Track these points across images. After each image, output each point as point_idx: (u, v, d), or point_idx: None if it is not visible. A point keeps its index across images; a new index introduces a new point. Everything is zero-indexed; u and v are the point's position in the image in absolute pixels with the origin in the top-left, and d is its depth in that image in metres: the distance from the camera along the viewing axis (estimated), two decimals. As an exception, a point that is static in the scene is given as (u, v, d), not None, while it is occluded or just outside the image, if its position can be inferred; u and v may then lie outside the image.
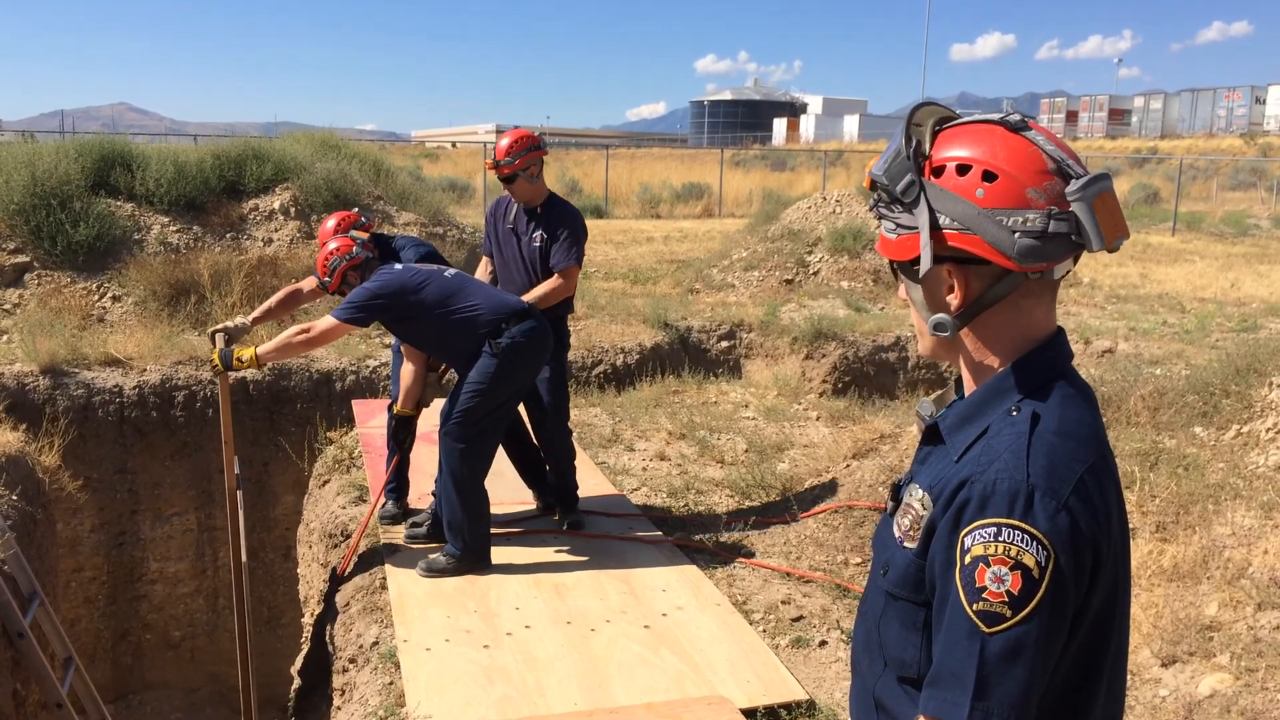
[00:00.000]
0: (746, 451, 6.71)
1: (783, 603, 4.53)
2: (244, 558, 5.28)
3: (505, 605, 4.35)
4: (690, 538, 5.23)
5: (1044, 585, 1.22)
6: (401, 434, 5.07)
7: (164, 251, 10.29)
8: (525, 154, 5.02)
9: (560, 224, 5.12)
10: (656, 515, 5.54)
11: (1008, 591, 1.22)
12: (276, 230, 10.94)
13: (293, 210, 11.14)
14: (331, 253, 4.79)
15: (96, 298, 9.82)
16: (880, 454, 6.16)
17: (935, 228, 1.35)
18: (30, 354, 8.11)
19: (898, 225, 1.40)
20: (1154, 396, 6.39)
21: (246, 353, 4.58)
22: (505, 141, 5.06)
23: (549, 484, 5.36)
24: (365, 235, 5.02)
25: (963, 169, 1.33)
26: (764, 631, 4.27)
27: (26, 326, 8.67)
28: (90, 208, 10.19)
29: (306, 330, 4.52)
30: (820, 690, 3.83)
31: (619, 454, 6.68)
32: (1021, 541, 1.23)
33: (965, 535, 1.27)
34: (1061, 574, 1.23)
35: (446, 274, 4.70)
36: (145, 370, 8.38)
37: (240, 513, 5.37)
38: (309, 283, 5.24)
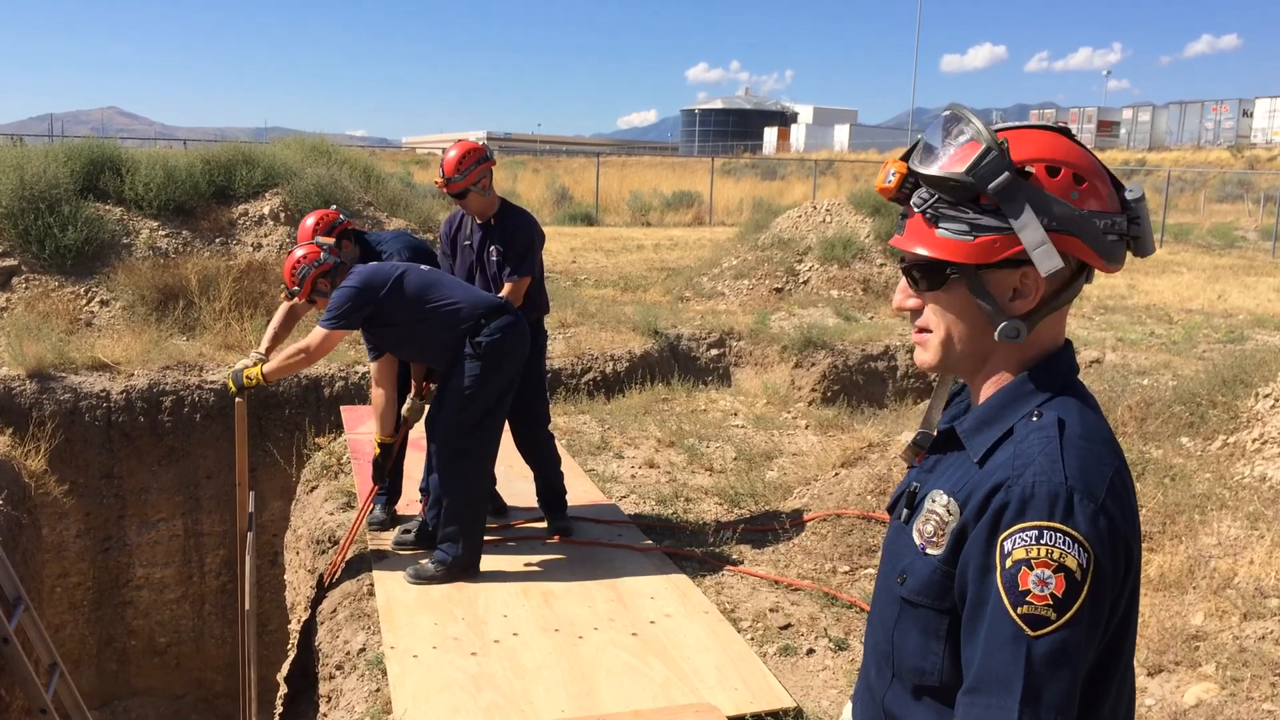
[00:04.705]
0: (735, 459, 6.71)
1: (770, 610, 4.53)
2: (249, 605, 5.04)
3: (493, 612, 4.34)
4: (679, 545, 5.23)
5: (1086, 587, 1.22)
6: (383, 460, 4.89)
7: (153, 256, 10.26)
8: (474, 167, 4.95)
9: (514, 235, 5.08)
10: (645, 523, 5.54)
11: (1052, 594, 1.21)
12: (266, 235, 10.92)
13: (282, 215, 11.12)
14: (299, 261, 4.65)
15: (84, 302, 9.79)
16: (869, 463, 6.17)
17: (1048, 228, 1.32)
18: (17, 358, 8.08)
19: (974, 226, 1.34)
20: (1141, 407, 6.43)
21: (254, 371, 4.67)
22: (453, 155, 4.95)
23: (536, 493, 5.35)
24: (331, 240, 4.84)
25: (1052, 170, 1.33)
26: (752, 639, 4.27)
27: (13, 330, 8.63)
28: (79, 211, 10.15)
29: (305, 347, 4.55)
30: (808, 698, 3.83)
31: (608, 461, 6.67)
32: (1064, 544, 1.22)
33: (1005, 539, 1.25)
34: (1102, 575, 1.24)
35: (422, 268, 4.68)
36: (133, 375, 8.35)
37: (250, 558, 5.10)
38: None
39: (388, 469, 5.01)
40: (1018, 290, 1.36)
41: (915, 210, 1.38)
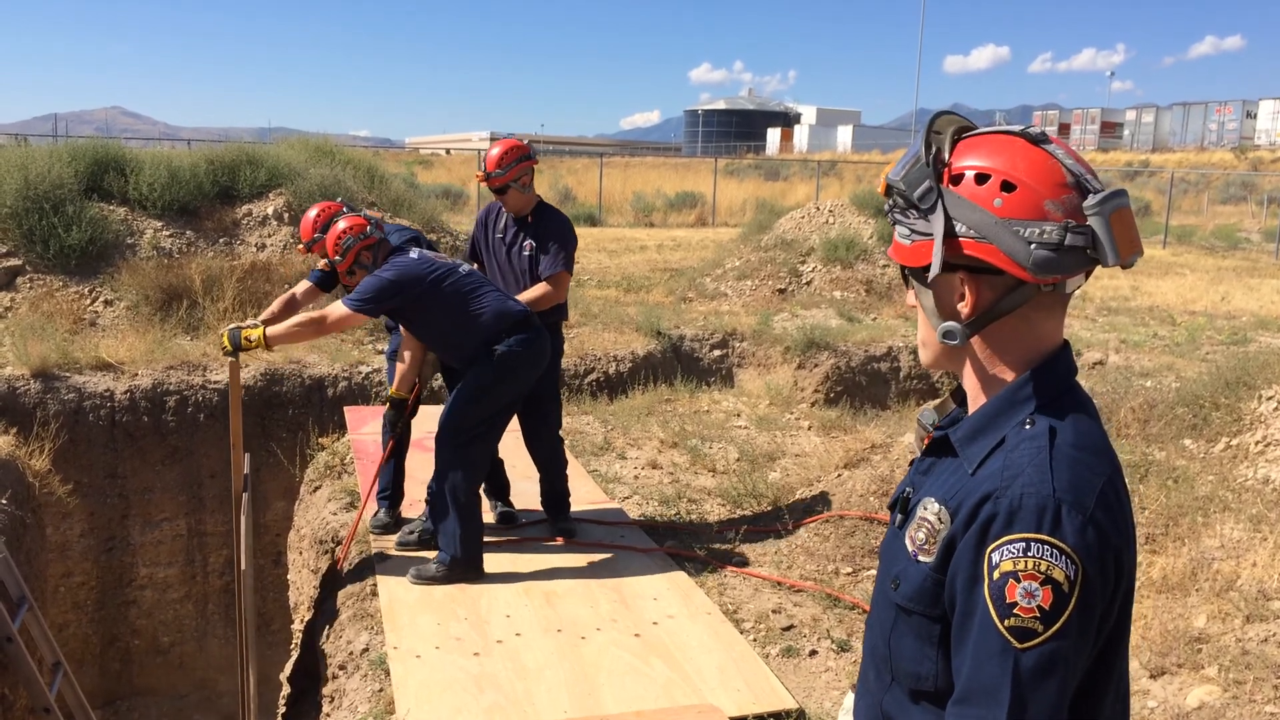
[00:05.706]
0: (738, 460, 6.71)
1: (773, 612, 4.53)
2: (244, 565, 5.10)
3: (496, 613, 4.34)
4: (681, 546, 5.24)
5: (1074, 599, 1.22)
6: (394, 417, 4.99)
7: (156, 256, 10.28)
8: (516, 164, 5.05)
9: (550, 232, 5.15)
10: (648, 523, 5.55)
11: (1039, 607, 1.22)
12: (270, 236, 10.93)
13: (286, 216, 11.14)
14: (344, 231, 4.63)
15: (88, 302, 9.80)
16: (872, 464, 6.17)
17: (950, 235, 1.34)
18: (21, 357, 8.09)
19: (913, 231, 1.39)
20: (1144, 409, 6.43)
21: (255, 332, 4.46)
22: (496, 152, 5.08)
23: (540, 494, 5.36)
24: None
25: (981, 178, 1.33)
26: (754, 640, 4.27)
27: (18, 330, 8.65)
28: (83, 211, 10.16)
29: (321, 318, 4.47)
30: (810, 700, 3.83)
31: (611, 462, 6.68)
32: (1051, 556, 1.23)
33: (992, 551, 1.26)
34: (1090, 587, 1.24)
35: (461, 269, 4.67)
36: (136, 375, 8.36)
37: (244, 517, 5.15)
38: (301, 287, 5.22)
39: (398, 427, 5.05)
40: (962, 295, 1.38)
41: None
